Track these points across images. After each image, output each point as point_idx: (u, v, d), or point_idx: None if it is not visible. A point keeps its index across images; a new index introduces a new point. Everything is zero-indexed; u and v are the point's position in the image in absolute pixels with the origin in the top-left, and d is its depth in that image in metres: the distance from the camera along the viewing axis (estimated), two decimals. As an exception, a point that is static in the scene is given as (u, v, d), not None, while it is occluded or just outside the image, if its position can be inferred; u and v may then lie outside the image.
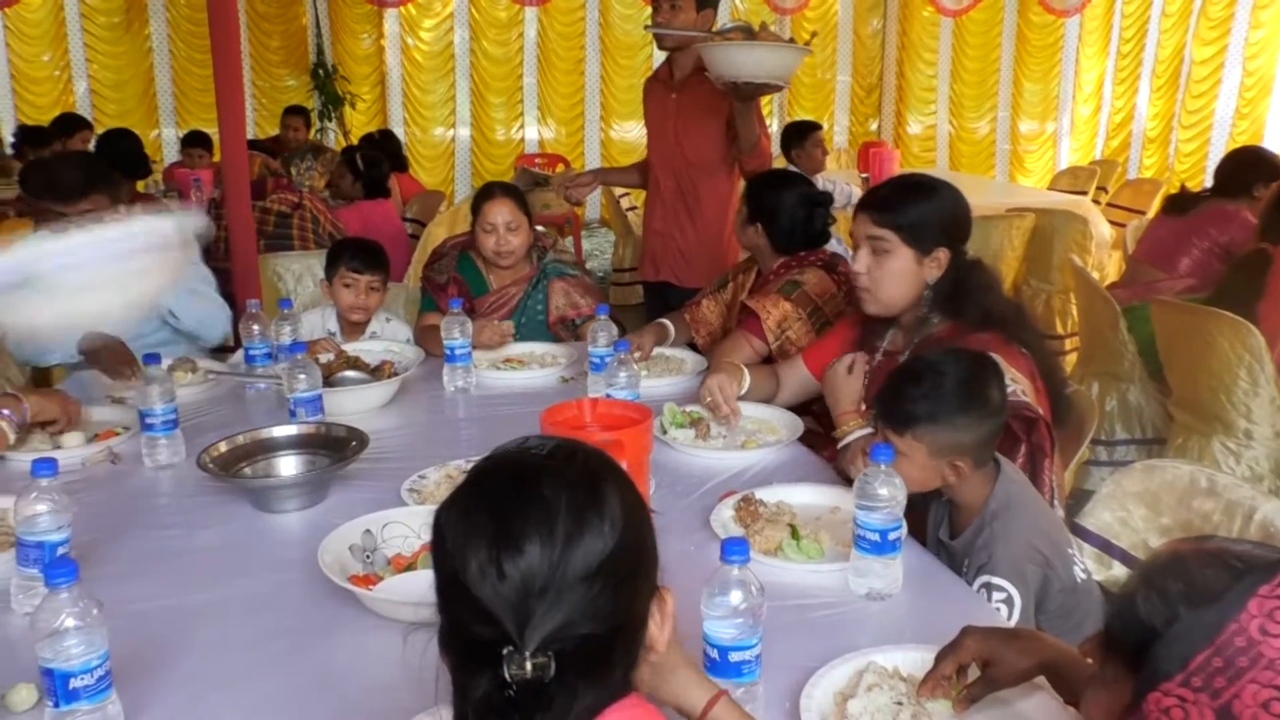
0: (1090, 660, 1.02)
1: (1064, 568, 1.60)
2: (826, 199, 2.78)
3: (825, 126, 8.37)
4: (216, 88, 3.55)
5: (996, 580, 1.54)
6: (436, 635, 0.89)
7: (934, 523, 1.76)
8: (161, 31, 8.62)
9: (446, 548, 0.87)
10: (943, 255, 2.03)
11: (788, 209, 2.70)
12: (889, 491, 1.48)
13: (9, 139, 5.90)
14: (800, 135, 5.25)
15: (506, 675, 0.82)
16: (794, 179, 2.88)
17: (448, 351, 2.55)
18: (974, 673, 1.23)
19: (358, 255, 2.88)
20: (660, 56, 3.57)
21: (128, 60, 8.57)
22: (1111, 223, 5.70)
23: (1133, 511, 1.85)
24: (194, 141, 6.35)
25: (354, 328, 2.95)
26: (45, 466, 1.46)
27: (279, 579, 1.61)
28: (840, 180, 5.36)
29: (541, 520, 0.85)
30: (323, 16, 8.86)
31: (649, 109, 3.53)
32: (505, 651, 0.82)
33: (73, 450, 2.08)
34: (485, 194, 2.99)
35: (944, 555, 1.71)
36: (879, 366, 2.16)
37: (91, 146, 5.93)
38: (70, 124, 6.28)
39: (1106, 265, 5.29)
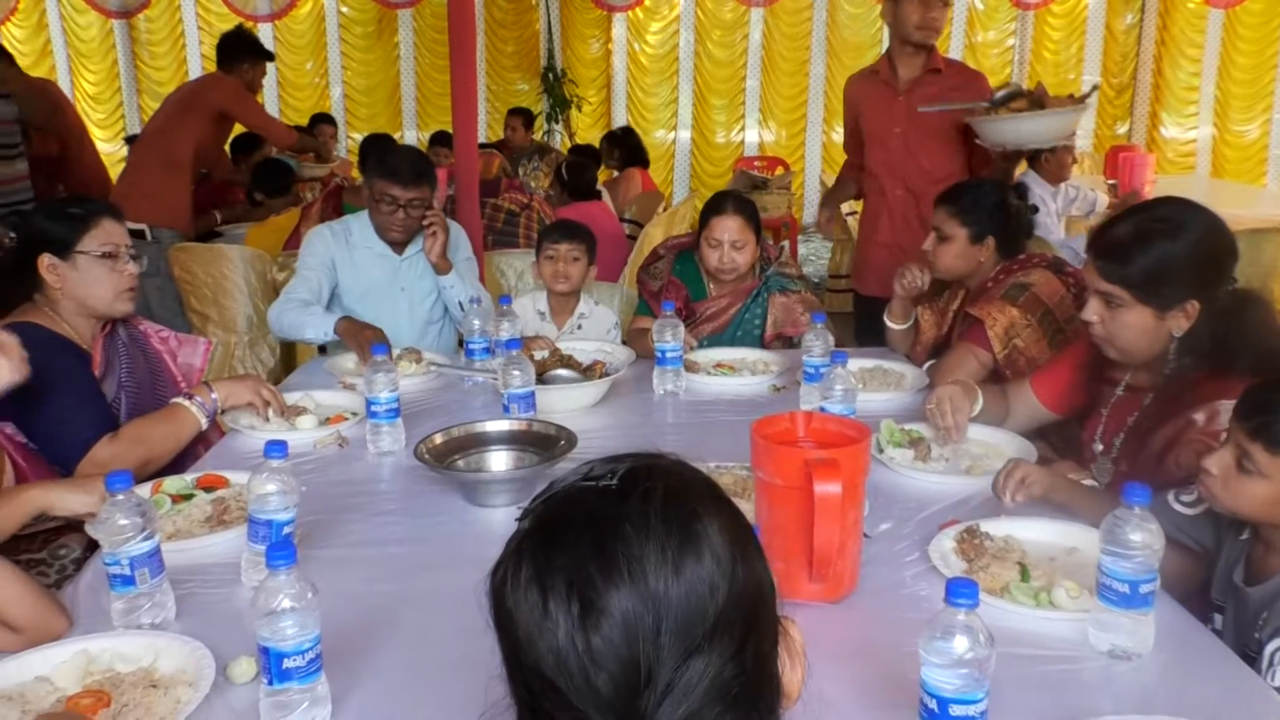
0: None
1: None
2: (1021, 189, 2.64)
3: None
4: (453, 91, 3.70)
5: None
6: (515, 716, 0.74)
7: (1227, 563, 1.54)
8: (408, 40, 9.22)
9: (518, 633, 0.70)
10: (1191, 307, 1.74)
11: (1012, 208, 2.53)
12: (1143, 538, 1.30)
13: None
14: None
15: None
16: (986, 179, 2.74)
17: (658, 354, 2.52)
18: None
19: (557, 228, 3.04)
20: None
21: (377, 67, 9.23)
22: None
23: None
24: (439, 141, 6.79)
25: (562, 307, 3.02)
26: (277, 449, 1.53)
27: (485, 574, 1.62)
28: (1084, 186, 4.97)
29: (631, 584, 0.67)
30: (554, 22, 9.16)
31: (868, 109, 3.30)
32: None
33: (305, 433, 2.20)
34: (716, 206, 2.87)
35: (1233, 603, 1.50)
36: (1119, 404, 1.93)
37: (340, 142, 6.48)
38: (315, 121, 7.07)
39: (1407, 286, 4.60)
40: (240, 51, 4.63)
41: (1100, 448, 1.93)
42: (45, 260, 2.05)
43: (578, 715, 0.68)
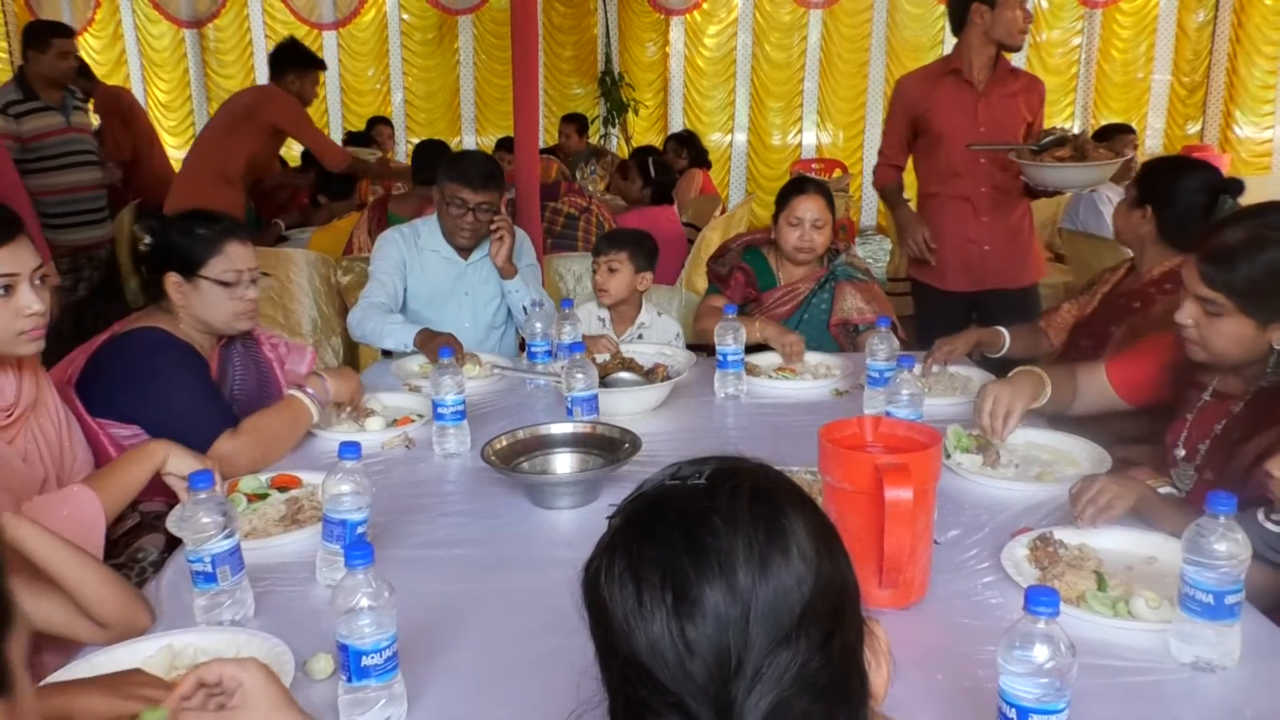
0: None
1: None
2: (1235, 187, 2.33)
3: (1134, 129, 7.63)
4: (515, 96, 3.73)
5: None
6: (607, 711, 0.77)
7: None
8: (468, 46, 9.33)
9: (612, 622, 0.73)
10: None
11: (1187, 194, 2.33)
12: (1229, 548, 1.27)
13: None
14: (1112, 138, 4.77)
15: None
16: (1198, 164, 2.49)
17: (720, 357, 2.52)
18: None
19: (600, 239, 3.04)
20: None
21: (437, 73, 9.37)
22: None
23: None
24: (504, 147, 6.91)
25: (622, 316, 3.02)
26: (350, 450, 1.56)
27: (551, 575, 1.62)
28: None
29: (721, 576, 0.71)
30: (612, 26, 9.20)
31: (943, 109, 3.27)
32: None
33: (374, 434, 2.24)
34: (797, 187, 2.96)
35: None
36: (1205, 409, 1.86)
37: (399, 145, 6.59)
38: (373, 124, 7.39)
39: None
40: (287, 62, 4.68)
41: (1183, 453, 1.87)
42: (171, 278, 2.10)
43: (673, 700, 0.70)
